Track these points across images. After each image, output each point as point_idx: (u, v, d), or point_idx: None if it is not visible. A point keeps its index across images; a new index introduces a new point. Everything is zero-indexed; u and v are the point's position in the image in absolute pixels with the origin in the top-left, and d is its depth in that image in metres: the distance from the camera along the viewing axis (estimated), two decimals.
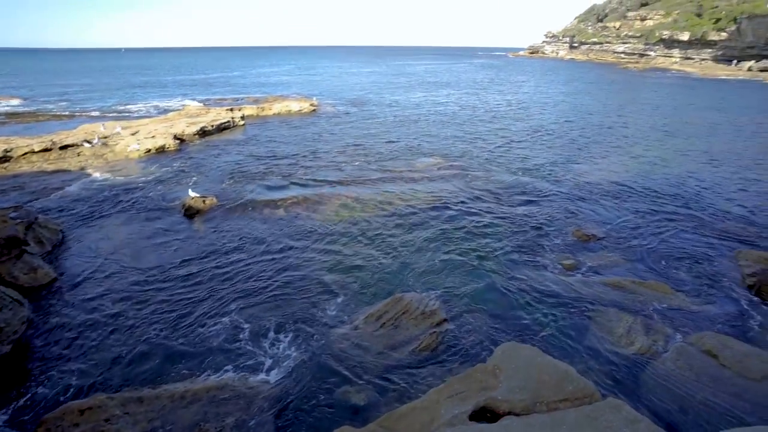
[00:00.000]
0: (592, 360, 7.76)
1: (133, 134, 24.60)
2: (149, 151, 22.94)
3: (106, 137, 24.24)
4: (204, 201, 15.54)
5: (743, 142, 26.78)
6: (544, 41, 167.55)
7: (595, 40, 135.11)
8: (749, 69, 77.52)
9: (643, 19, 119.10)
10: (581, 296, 9.80)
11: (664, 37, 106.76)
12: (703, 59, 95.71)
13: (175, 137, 25.08)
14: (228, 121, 30.18)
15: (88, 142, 23.14)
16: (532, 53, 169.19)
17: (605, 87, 62.88)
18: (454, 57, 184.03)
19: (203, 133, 27.34)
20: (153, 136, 24.40)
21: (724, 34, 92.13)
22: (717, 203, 16.38)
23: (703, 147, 25.55)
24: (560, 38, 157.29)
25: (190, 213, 14.88)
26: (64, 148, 22.20)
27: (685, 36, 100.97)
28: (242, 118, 32.22)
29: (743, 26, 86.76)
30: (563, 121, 34.46)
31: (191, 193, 15.66)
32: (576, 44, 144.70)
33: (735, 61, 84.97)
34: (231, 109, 33.62)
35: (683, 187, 18.13)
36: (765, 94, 52.59)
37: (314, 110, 37.59)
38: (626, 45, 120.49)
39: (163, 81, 69.06)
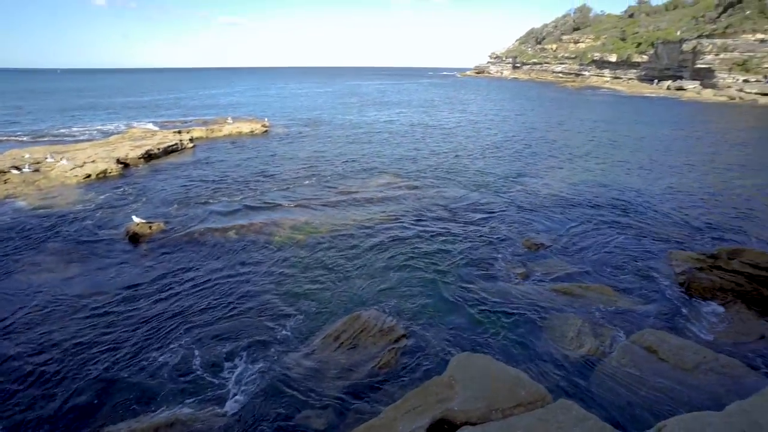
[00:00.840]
0: (545, 364, 8.05)
1: (69, 159, 23.10)
2: (89, 176, 21.59)
3: (38, 162, 22.59)
4: (150, 226, 14.78)
5: (666, 152, 29.38)
6: (489, 62, 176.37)
7: (535, 60, 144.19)
8: (668, 87, 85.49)
9: (576, 42, 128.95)
10: (533, 303, 10.19)
11: (595, 58, 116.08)
12: (630, 78, 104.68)
13: (118, 161, 23.83)
14: (176, 144, 29.09)
15: (17, 168, 21.44)
16: (478, 73, 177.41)
17: (546, 104, 67.11)
18: (406, 77, 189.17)
19: (149, 156, 26.15)
20: (93, 161, 23.04)
21: (645, 57, 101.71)
22: (650, 209, 17.73)
23: (635, 157, 27.74)
24: (504, 59, 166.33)
25: (135, 239, 14.09)
26: None
27: (613, 58, 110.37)
28: (191, 140, 31.22)
29: (659, 50, 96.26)
30: (510, 136, 36.26)
31: (135, 219, 14.84)
32: (518, 64, 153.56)
33: (656, 81, 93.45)
34: (179, 132, 32.50)
35: (620, 195, 19.50)
36: (680, 109, 58.33)
37: (266, 131, 37.12)
38: (563, 65, 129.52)
39: (105, 103, 65.63)
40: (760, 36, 72.67)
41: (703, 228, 15.67)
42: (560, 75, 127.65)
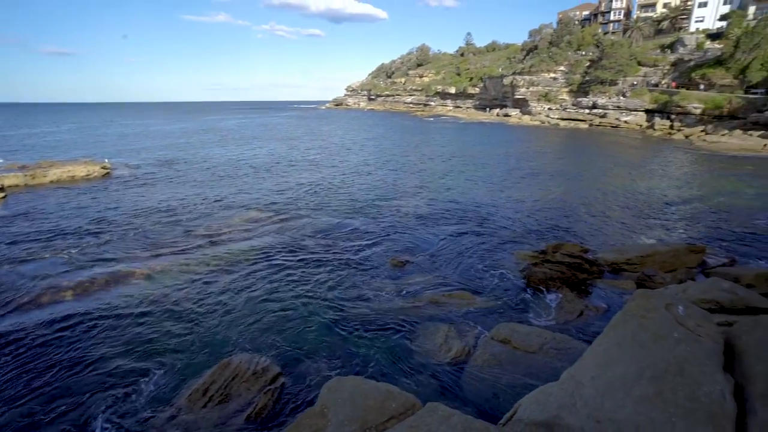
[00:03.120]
0: (418, 374, 8.51)
1: None
2: None
3: None
4: None
5: (501, 168, 34.54)
6: (346, 94, 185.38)
7: (387, 92, 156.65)
8: (497, 114, 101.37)
9: (421, 77, 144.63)
10: (403, 317, 10.75)
11: (438, 90, 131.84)
12: (468, 107, 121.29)
13: None
14: None
15: None
16: (337, 105, 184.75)
17: (401, 131, 73.27)
18: (267, 111, 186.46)
19: None
20: None
21: (477, 89, 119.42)
22: (496, 217, 20.45)
23: (479, 174, 31.92)
24: (359, 91, 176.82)
25: None
26: None
27: (452, 90, 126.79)
28: (1, 189, 25.55)
29: (487, 84, 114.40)
30: (372, 162, 38.40)
31: None
32: (373, 96, 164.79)
33: (488, 109, 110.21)
34: None
35: (472, 208, 22.09)
36: (508, 131, 69.87)
37: (107, 174, 32.44)
38: (413, 96, 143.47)
39: None
40: (552, 75, 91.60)
41: (537, 229, 18.68)
42: (411, 105, 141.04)
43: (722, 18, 75.26)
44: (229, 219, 20.43)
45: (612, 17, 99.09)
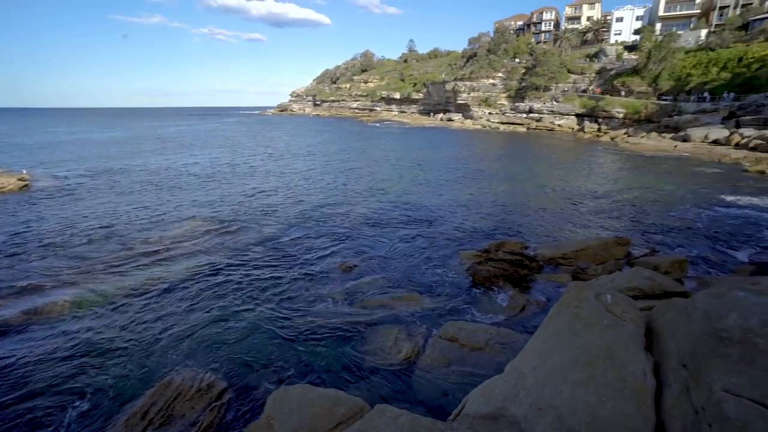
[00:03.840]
0: (368, 377, 8.49)
1: None
2: None
3: None
4: None
5: (447, 170, 35.57)
6: (291, 100, 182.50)
7: (333, 98, 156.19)
8: (441, 119, 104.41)
9: (366, 82, 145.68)
10: (352, 322, 10.70)
11: (383, 95, 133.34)
12: (413, 112, 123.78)
13: None
14: None
15: None
16: (281, 111, 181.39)
17: (347, 136, 73.32)
18: (210, 117, 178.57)
19: None
20: None
21: (421, 94, 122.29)
22: (442, 218, 20.94)
23: (425, 176, 32.62)
24: (304, 97, 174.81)
25: None
26: None
27: (397, 95, 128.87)
28: None
29: (430, 89, 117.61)
30: (319, 168, 38.04)
31: None
32: (318, 102, 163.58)
33: (432, 113, 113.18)
34: None
35: (418, 211, 22.48)
36: (451, 135, 72.37)
37: (25, 186, 29.45)
38: (358, 102, 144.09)
39: None
40: (491, 81, 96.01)
41: (481, 228, 19.37)
42: (357, 110, 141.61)
43: (636, 32, 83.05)
44: (170, 231, 19.31)
45: (543, 28, 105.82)
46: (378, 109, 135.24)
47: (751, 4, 70.16)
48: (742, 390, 3.55)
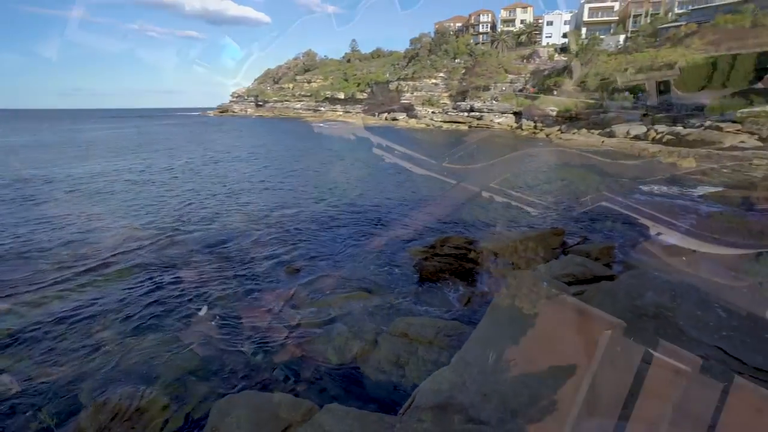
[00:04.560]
0: (318, 380, 8.40)
1: None
2: None
3: None
4: None
5: (394, 169, 35.99)
6: (231, 101, 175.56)
7: (276, 98, 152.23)
8: (386, 118, 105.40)
9: (309, 82, 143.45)
10: (300, 324, 10.52)
11: (328, 95, 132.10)
12: (358, 112, 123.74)
13: None
14: None
15: None
16: (222, 112, 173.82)
17: (291, 137, 71.98)
18: (144, 119, 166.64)
19: None
20: None
21: (365, 94, 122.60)
22: (392, 216, 21.16)
23: (372, 175, 32.84)
24: (246, 98, 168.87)
25: None
26: None
27: (341, 95, 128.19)
28: None
29: (374, 89, 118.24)
30: (263, 169, 36.99)
31: None
32: (261, 103, 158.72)
33: (377, 113, 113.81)
34: None
35: (367, 210, 22.53)
36: (396, 134, 73.16)
37: None
38: (302, 102, 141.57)
39: None
40: (433, 81, 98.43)
41: (428, 225, 19.77)
42: (301, 111, 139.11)
43: (564, 35, 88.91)
44: (102, 243, 17.85)
45: (481, 29, 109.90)
46: (323, 109, 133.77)
47: (658, 14, 77.59)
48: None
